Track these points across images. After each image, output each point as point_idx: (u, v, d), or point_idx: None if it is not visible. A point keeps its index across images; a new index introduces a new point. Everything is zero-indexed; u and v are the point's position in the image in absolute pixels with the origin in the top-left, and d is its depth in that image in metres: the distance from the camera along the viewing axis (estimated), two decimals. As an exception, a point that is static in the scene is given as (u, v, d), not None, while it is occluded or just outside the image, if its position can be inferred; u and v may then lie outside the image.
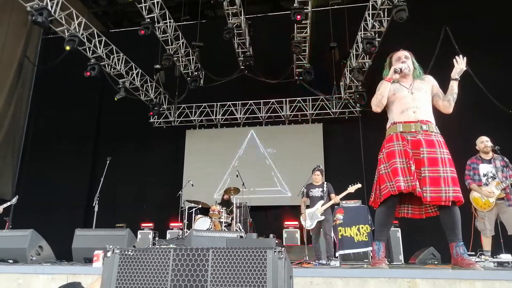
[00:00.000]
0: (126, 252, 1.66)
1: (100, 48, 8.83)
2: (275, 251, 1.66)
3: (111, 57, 9.25)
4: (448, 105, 3.04)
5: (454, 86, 3.03)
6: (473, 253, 4.65)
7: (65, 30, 8.01)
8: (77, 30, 8.13)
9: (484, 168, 4.83)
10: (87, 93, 10.94)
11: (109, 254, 1.68)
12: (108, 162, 6.27)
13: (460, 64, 3.02)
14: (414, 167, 2.83)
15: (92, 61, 8.73)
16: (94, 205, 5.60)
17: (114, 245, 1.72)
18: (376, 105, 3.13)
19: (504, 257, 4.54)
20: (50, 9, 7.26)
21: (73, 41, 7.83)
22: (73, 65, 9.11)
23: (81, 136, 11.04)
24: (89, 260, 3.55)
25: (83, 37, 8.32)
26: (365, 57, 8.57)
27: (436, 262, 5.44)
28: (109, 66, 9.33)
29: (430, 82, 3.15)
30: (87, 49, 8.64)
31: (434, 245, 5.81)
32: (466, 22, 8.72)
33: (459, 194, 2.80)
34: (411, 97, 3.03)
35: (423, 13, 8.72)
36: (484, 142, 4.87)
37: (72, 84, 10.61)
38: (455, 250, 2.83)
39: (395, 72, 3.07)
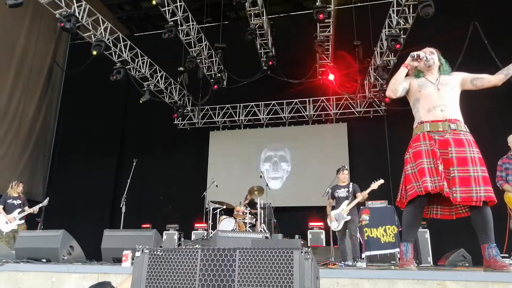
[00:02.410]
0: (155, 252, 1.69)
1: (125, 52, 9.03)
2: (301, 252, 1.66)
3: (136, 60, 9.44)
4: (502, 78, 2.97)
5: None
6: (507, 255, 4.49)
7: (92, 36, 8.25)
8: (103, 35, 8.34)
9: (517, 167, 4.65)
10: (113, 97, 11.21)
11: (138, 254, 1.71)
12: (134, 164, 6.39)
13: None
14: (442, 167, 2.76)
15: (117, 65, 8.94)
16: (121, 206, 5.72)
17: (142, 245, 1.76)
18: (390, 89, 3.06)
19: (540, 259, 4.37)
20: (78, 16, 7.49)
21: (99, 46, 8.04)
22: (100, 69, 9.34)
23: (108, 138, 11.32)
24: (117, 260, 3.64)
25: (109, 42, 8.53)
26: (390, 54, 8.43)
27: (467, 265, 5.27)
28: (134, 70, 9.53)
29: (458, 76, 3.06)
30: (113, 53, 8.86)
31: (465, 247, 5.64)
32: (495, 14, 8.44)
33: (491, 193, 2.71)
34: (438, 94, 2.95)
35: (449, 8, 8.48)
36: (517, 139, 4.70)
37: (99, 87, 10.90)
38: (487, 251, 2.74)
39: (412, 57, 3.00)
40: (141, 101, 9.73)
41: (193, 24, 9.05)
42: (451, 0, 8.86)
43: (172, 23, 8.37)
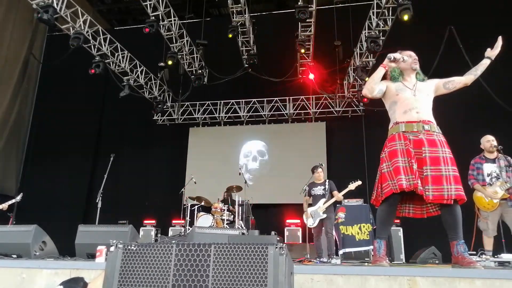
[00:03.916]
0: (129, 247, 1.68)
1: (105, 45, 8.87)
2: (276, 247, 1.69)
3: (116, 54, 9.29)
4: (472, 78, 3.13)
5: (485, 64, 3.14)
6: (474, 252, 4.65)
7: (70, 28, 8.06)
8: (82, 28, 8.17)
9: (488, 168, 4.81)
10: (92, 91, 11.02)
11: (112, 249, 1.70)
12: (111, 159, 6.30)
13: (498, 48, 3.12)
14: (416, 166, 2.84)
15: (96, 58, 8.78)
16: (97, 201, 5.63)
17: (116, 241, 1.75)
18: (367, 88, 3.14)
19: (505, 256, 4.54)
20: (56, 7, 7.31)
21: (78, 39, 7.88)
22: (78, 62, 9.15)
23: (85, 133, 11.10)
24: (92, 256, 3.58)
25: (88, 35, 8.36)
26: (369, 56, 8.57)
27: (437, 262, 5.44)
28: (114, 64, 9.37)
29: (432, 83, 3.18)
30: (92, 46, 8.68)
31: (436, 245, 5.81)
32: (471, 20, 8.68)
33: (461, 192, 2.81)
34: (414, 98, 3.05)
35: (427, 12, 8.70)
36: (490, 141, 4.84)
37: (77, 81, 10.69)
38: (455, 248, 2.84)
39: (389, 59, 3.10)
40: (120, 96, 9.58)
41: (174, 20, 8.96)
42: (429, 5, 9.08)
43: (153, 18, 8.28)
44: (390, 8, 7.46)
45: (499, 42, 3.13)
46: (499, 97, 7.85)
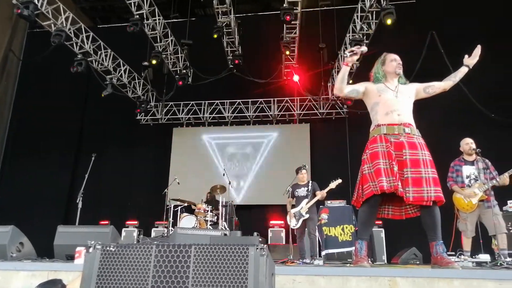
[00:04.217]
0: (108, 248, 1.65)
1: (87, 43, 8.73)
2: (257, 248, 1.68)
3: (99, 53, 9.14)
4: (451, 84, 3.22)
5: (464, 72, 3.22)
6: (453, 253, 4.74)
7: (52, 25, 7.90)
8: (64, 25, 8.02)
9: (467, 170, 4.90)
10: (74, 89, 10.82)
11: (90, 250, 1.67)
12: (93, 158, 6.19)
13: (477, 58, 3.20)
14: (396, 168, 2.88)
15: (79, 56, 8.62)
16: (77, 201, 5.52)
17: (95, 241, 1.72)
18: (336, 88, 3.19)
19: (483, 257, 4.65)
20: (37, 3, 7.15)
21: (59, 36, 7.72)
22: (60, 60, 8.99)
23: (65, 132, 10.89)
24: (71, 257, 3.52)
25: (70, 32, 8.22)
26: (353, 58, 8.64)
27: (418, 262, 5.53)
28: (96, 62, 9.23)
29: (413, 86, 3.23)
30: (74, 44, 8.53)
31: (417, 246, 5.90)
32: (452, 26, 8.88)
33: (440, 194, 2.87)
34: (396, 100, 3.09)
35: (410, 17, 8.85)
36: (469, 144, 4.94)
37: (58, 79, 10.49)
38: (435, 249, 2.89)
39: (350, 54, 3.07)
40: (103, 95, 9.43)
41: (159, 19, 8.88)
42: (412, 10, 9.25)
43: (137, 16, 8.17)
44: (374, 12, 7.56)
45: (478, 51, 3.20)
46: (477, 101, 8.04)
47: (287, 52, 8.78)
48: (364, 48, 3.07)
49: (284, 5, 7.67)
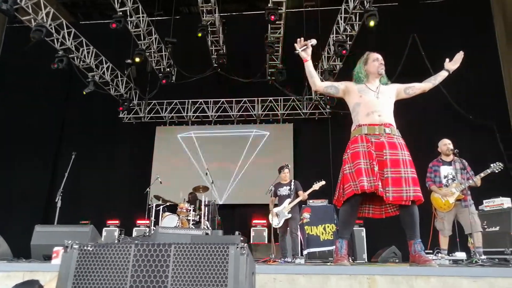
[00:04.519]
0: (85, 248, 1.63)
1: (69, 40, 8.57)
2: (237, 247, 1.68)
3: (81, 49, 8.99)
4: (430, 86, 3.29)
5: (443, 76, 3.28)
6: (431, 251, 4.84)
7: (32, 20, 7.73)
8: (45, 20, 7.86)
9: (445, 170, 5.01)
10: (54, 86, 10.61)
11: (68, 249, 1.65)
12: (73, 157, 6.08)
13: (458, 64, 3.26)
14: (377, 168, 2.92)
15: (60, 53, 8.47)
16: (56, 201, 5.41)
17: (72, 241, 1.69)
18: (310, 83, 3.33)
19: (459, 255, 4.76)
20: (16, -3, 7.00)
21: (40, 32, 7.57)
22: (41, 55, 8.80)
23: (46, 130, 10.67)
24: (48, 258, 3.45)
25: (51, 28, 8.06)
26: (336, 59, 8.73)
27: (397, 261, 5.61)
28: (78, 59, 9.08)
29: (394, 87, 3.27)
30: (55, 40, 8.37)
31: (397, 245, 5.99)
32: (433, 29, 9.06)
33: (419, 193, 2.92)
34: (377, 101, 3.12)
35: (392, 20, 8.98)
36: (446, 145, 5.05)
37: (39, 75, 10.25)
38: (413, 247, 2.95)
39: (302, 49, 3.18)
40: (84, 93, 9.29)
41: (143, 16, 8.79)
42: (395, 13, 9.39)
43: (121, 13, 8.08)
44: (357, 13, 7.65)
45: (459, 57, 3.26)
46: (456, 103, 8.24)
47: (271, 52, 8.80)
48: (313, 41, 3.13)
49: (269, 5, 7.69)
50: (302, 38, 3.16)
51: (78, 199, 9.71)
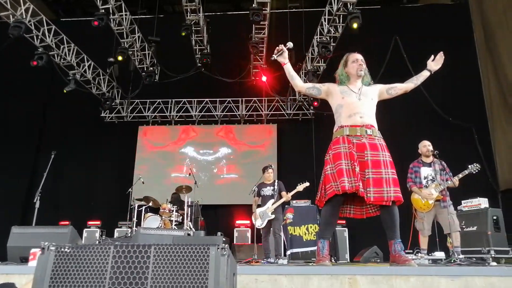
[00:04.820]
0: (63, 249, 1.59)
1: (49, 37, 8.39)
2: (218, 248, 1.67)
3: (61, 47, 8.81)
4: (412, 86, 3.32)
5: (425, 76, 3.31)
6: (411, 251, 4.92)
7: (10, 16, 7.54)
8: (24, 17, 7.67)
9: (424, 171, 5.10)
10: (34, 84, 10.36)
11: (44, 251, 1.61)
12: (52, 156, 5.96)
13: (439, 65, 3.28)
14: (358, 169, 2.95)
15: (39, 50, 8.28)
16: (35, 201, 5.29)
17: (48, 243, 1.65)
18: (293, 85, 3.37)
19: (438, 254, 4.86)
20: (-7, -8, 6.82)
21: (18, 28, 7.38)
22: (21, 52, 8.58)
23: (25, 128, 10.41)
24: (25, 260, 3.37)
25: (31, 24, 7.87)
26: (320, 60, 8.80)
27: (378, 260, 5.70)
28: (59, 57, 8.90)
29: (376, 88, 3.29)
30: (35, 37, 8.18)
31: (379, 245, 6.07)
32: (414, 33, 9.21)
33: (399, 194, 2.96)
34: (359, 102, 3.14)
35: (375, 22, 9.10)
36: (426, 146, 5.14)
37: (19, 72, 9.99)
38: (393, 247, 2.99)
39: (277, 55, 3.20)
40: (65, 91, 9.11)
41: (126, 14, 8.67)
42: (377, 16, 9.52)
43: (103, 10, 7.95)
44: (341, 15, 7.72)
45: (440, 57, 3.29)
46: (436, 105, 8.39)
47: (255, 53, 8.80)
48: (289, 44, 3.17)
49: (253, 5, 7.69)
50: (279, 46, 3.18)
51: (58, 199, 9.53)
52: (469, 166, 4.91)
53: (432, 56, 3.31)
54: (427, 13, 9.95)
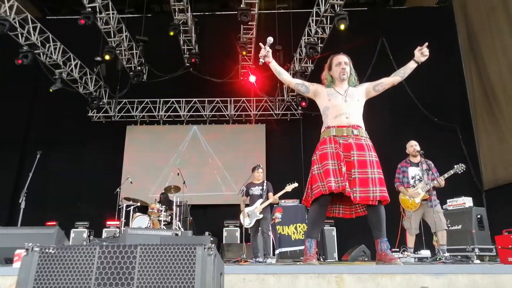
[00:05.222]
0: (47, 250, 1.58)
1: (34, 35, 8.27)
2: (204, 248, 1.67)
3: (47, 45, 8.69)
4: (399, 79, 3.29)
5: (412, 68, 3.25)
6: (398, 249, 4.98)
7: (-6, 13, 7.42)
8: (8, 14, 7.55)
9: (412, 171, 5.16)
10: (20, 82, 10.19)
11: (28, 252, 1.59)
12: (38, 156, 5.87)
13: (426, 56, 3.20)
14: (345, 169, 2.98)
15: (24, 48, 8.16)
16: (20, 201, 5.21)
17: (39, 244, 1.63)
18: (282, 81, 3.47)
19: (424, 253, 4.93)
20: (-23, -11, 6.69)
21: (2, 25, 7.29)
22: (5, 51, 8.44)
23: (11, 128, 10.23)
24: (10, 261, 3.32)
25: (15, 22, 7.75)
26: (308, 61, 8.84)
27: (366, 259, 5.76)
28: (45, 55, 8.77)
29: (362, 88, 3.31)
30: (19, 35, 8.06)
31: (367, 243, 6.13)
32: (400, 34, 9.31)
33: (385, 193, 2.99)
34: (345, 104, 3.17)
35: (363, 23, 9.18)
36: (413, 146, 5.21)
37: (4, 70, 9.83)
38: (379, 246, 3.02)
39: (263, 57, 3.26)
40: (51, 90, 8.98)
41: (113, 13, 8.59)
42: (365, 17, 9.61)
43: (89, 9, 7.86)
44: (328, 17, 7.77)
45: (425, 48, 3.21)
46: (422, 106, 8.51)
47: (244, 53, 8.81)
48: (270, 40, 3.20)
49: (242, 6, 7.70)
50: (262, 50, 3.20)
51: (45, 199, 9.40)
52: (455, 166, 4.99)
53: (419, 47, 3.23)
54: (413, 15, 10.08)
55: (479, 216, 5.75)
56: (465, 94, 9.53)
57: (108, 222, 8.38)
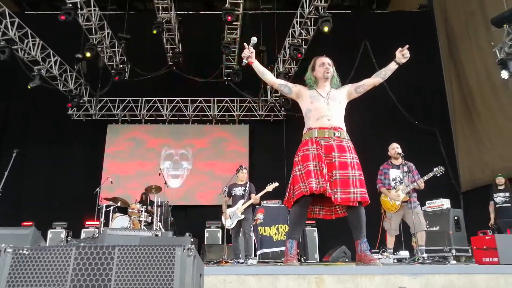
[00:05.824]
0: (21, 251, 1.53)
1: (12, 30, 8.05)
2: (184, 249, 1.65)
3: (25, 41, 8.47)
4: (380, 80, 3.31)
5: (393, 69, 3.25)
6: (377, 250, 5.04)
7: (-30, 7, 7.20)
8: (-16, 8, 7.34)
9: (393, 173, 5.23)
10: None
11: (0, 254, 1.54)
12: (14, 154, 5.72)
13: (407, 58, 3.21)
14: (326, 170, 2.99)
15: (1, 43, 7.93)
16: (-6, 201, 5.07)
17: (14, 245, 1.58)
18: (266, 81, 3.45)
19: (403, 253, 5.01)
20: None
21: (-21, 20, 7.06)
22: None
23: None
24: (-17, 262, 3.21)
25: (-8, 16, 7.55)
26: (292, 62, 8.88)
27: (346, 260, 5.81)
28: (23, 51, 8.55)
29: (344, 90, 3.33)
30: (-4, 30, 7.84)
31: (347, 245, 6.19)
32: (383, 37, 9.45)
33: (365, 195, 3.02)
34: (327, 107, 3.19)
35: (346, 26, 9.29)
36: (394, 149, 5.28)
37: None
38: (359, 247, 3.05)
39: (247, 59, 3.24)
40: (29, 87, 8.76)
41: (95, 10, 8.43)
42: (348, 20, 9.71)
43: (70, 5, 7.70)
44: (312, 18, 7.82)
45: (405, 50, 3.22)
46: (404, 109, 8.65)
47: (227, 53, 8.79)
48: (253, 40, 3.19)
49: (226, 6, 7.68)
50: (245, 50, 3.21)
51: (21, 199, 9.17)
52: (434, 168, 5.08)
53: (400, 48, 3.24)
54: (395, 19, 10.25)
55: (456, 218, 5.88)
56: (445, 97, 9.75)
57: (87, 223, 8.23)
